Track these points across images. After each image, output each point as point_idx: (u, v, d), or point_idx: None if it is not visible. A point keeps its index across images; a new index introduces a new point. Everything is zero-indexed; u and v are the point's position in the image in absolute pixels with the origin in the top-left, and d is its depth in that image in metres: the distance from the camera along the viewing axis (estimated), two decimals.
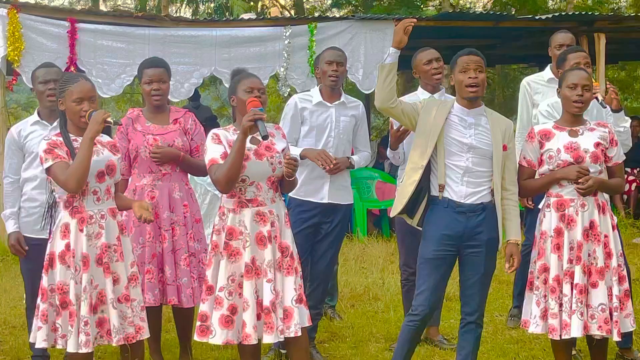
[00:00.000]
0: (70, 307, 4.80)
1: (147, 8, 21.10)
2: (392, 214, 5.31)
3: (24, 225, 5.77)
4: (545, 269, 5.21)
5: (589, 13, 14.18)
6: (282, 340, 4.97)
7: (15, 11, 10.45)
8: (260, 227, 4.97)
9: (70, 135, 4.93)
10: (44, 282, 4.90)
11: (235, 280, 4.94)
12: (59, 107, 4.97)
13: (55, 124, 5.72)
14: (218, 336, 4.93)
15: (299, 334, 4.97)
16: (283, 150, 5.11)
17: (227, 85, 11.92)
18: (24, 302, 7.52)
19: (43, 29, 10.73)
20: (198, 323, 5.02)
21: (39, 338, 4.90)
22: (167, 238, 5.69)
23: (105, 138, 5.11)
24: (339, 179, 6.14)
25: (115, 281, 4.91)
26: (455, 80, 5.12)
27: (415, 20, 5.15)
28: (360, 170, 9.91)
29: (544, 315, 5.19)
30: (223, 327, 4.91)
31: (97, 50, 11.02)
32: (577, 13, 13.89)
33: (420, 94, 6.30)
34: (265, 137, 4.83)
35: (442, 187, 5.10)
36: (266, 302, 4.89)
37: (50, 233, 5.48)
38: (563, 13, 15.11)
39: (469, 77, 5.06)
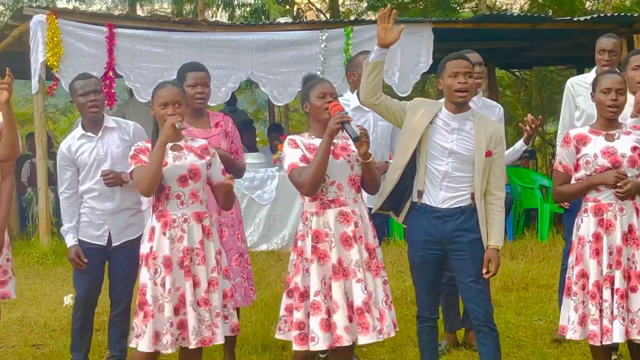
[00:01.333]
0: (145, 307, 4.85)
1: (184, 13, 21.22)
2: (373, 210, 5.32)
3: (83, 230, 5.84)
4: (584, 275, 5.15)
5: (628, 14, 14.06)
6: (380, 340, 4.96)
7: (54, 17, 10.58)
8: (344, 227, 4.95)
9: None
10: (141, 277, 4.98)
11: (326, 282, 4.90)
12: (150, 113, 5.03)
13: (100, 133, 5.78)
14: (321, 342, 4.85)
15: (392, 335, 4.99)
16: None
17: (263, 90, 12.04)
18: (64, 305, 7.62)
19: (82, 34, 10.85)
20: (296, 332, 4.92)
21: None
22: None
23: (198, 142, 5.11)
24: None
25: (196, 284, 4.92)
26: (443, 85, 5.10)
27: (392, 10, 5.13)
28: None
29: (582, 321, 5.14)
30: (325, 331, 4.85)
31: (135, 55, 11.11)
32: (615, 14, 13.78)
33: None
34: (356, 139, 4.82)
35: (420, 193, 5.13)
36: (358, 303, 4.86)
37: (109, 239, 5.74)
38: (602, 14, 14.98)
39: (459, 82, 5.02)
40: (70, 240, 5.82)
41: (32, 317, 7.80)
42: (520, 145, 6.06)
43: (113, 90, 11.09)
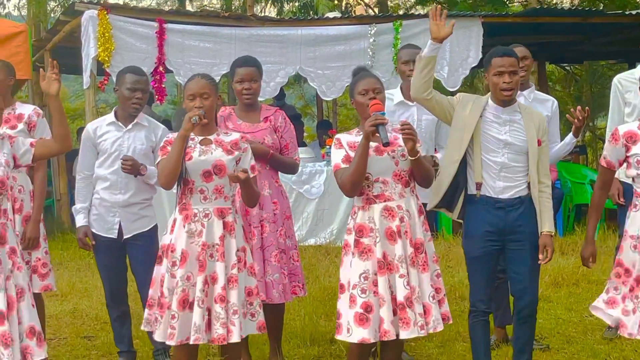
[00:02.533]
0: (162, 299, 4.90)
1: (233, 8, 21.30)
2: (428, 207, 5.34)
3: (94, 222, 5.88)
4: (621, 264, 5.12)
5: None
6: (422, 335, 4.97)
7: (105, 12, 10.67)
8: (389, 222, 4.96)
9: (192, 134, 5.00)
10: (155, 272, 5.03)
11: (368, 278, 4.91)
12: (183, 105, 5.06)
13: (130, 126, 5.83)
14: (355, 335, 4.89)
15: (438, 329, 4.99)
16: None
17: (311, 84, 12.06)
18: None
19: (132, 29, 10.93)
20: (339, 321, 5.03)
21: (150, 327, 5.05)
22: (256, 235, 5.71)
23: (230, 137, 5.11)
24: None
25: (214, 281, 4.91)
26: (489, 81, 5.14)
27: (442, 10, 5.13)
28: None
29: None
30: (358, 325, 4.89)
31: (184, 50, 11.18)
32: None
33: None
34: (386, 144, 4.82)
35: (479, 185, 5.15)
36: (400, 298, 4.87)
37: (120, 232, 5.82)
38: None
39: (504, 82, 5.06)
40: (80, 220, 5.86)
41: (84, 309, 7.89)
42: (570, 138, 6.02)
43: (163, 85, 11.17)
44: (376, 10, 23.01)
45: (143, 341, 6.43)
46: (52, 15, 22.31)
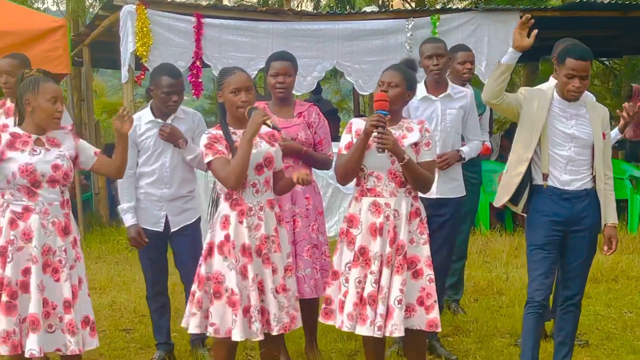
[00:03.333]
0: (233, 296, 4.84)
1: (270, 2, 21.31)
2: (496, 204, 5.36)
3: (142, 217, 5.92)
4: None
5: None
6: (378, 335, 4.91)
7: (143, 7, 10.70)
8: (374, 218, 4.97)
9: (230, 128, 5.01)
10: (202, 270, 4.98)
11: (350, 268, 4.98)
12: (217, 100, 5.06)
13: (169, 121, 5.85)
14: (337, 320, 5.03)
15: (395, 334, 4.92)
16: (416, 144, 5.03)
17: (348, 79, 12.03)
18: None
19: (170, 24, 10.97)
20: (323, 306, 5.13)
21: (192, 324, 5.00)
22: (289, 229, 5.71)
23: (262, 129, 5.07)
24: (449, 173, 6.07)
25: (274, 271, 4.95)
26: (559, 78, 5.17)
27: (530, 18, 5.13)
28: (484, 163, 9.79)
29: None
30: (339, 312, 5.00)
31: (222, 44, 11.20)
32: None
33: (552, 84, 6.19)
34: (398, 159, 4.88)
35: (545, 176, 5.20)
36: (365, 294, 4.90)
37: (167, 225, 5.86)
38: None
39: (573, 86, 5.09)
40: (129, 220, 5.90)
41: (122, 302, 7.94)
42: (614, 133, 5.99)
43: (200, 80, 11.20)
44: (413, 4, 22.91)
45: (181, 334, 6.46)
46: (90, 10, 22.44)
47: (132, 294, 8.28)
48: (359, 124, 5.09)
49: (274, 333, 4.95)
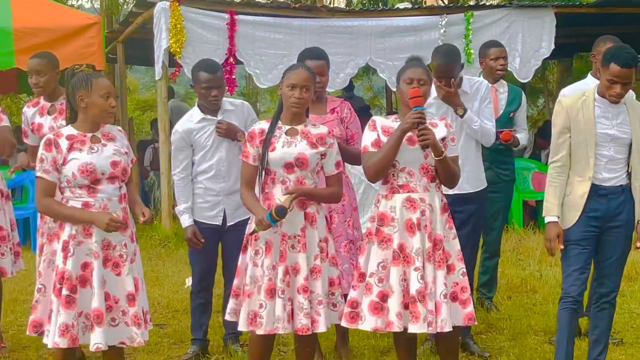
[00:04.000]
0: (245, 287, 4.92)
1: None
2: (564, 226, 5.25)
3: (198, 210, 5.98)
4: None
5: None
6: (430, 332, 4.90)
7: (177, 4, 10.75)
8: (410, 214, 4.93)
9: (280, 123, 5.03)
10: (240, 262, 5.07)
11: (386, 267, 4.92)
12: (278, 91, 5.07)
13: (219, 116, 5.88)
14: (367, 322, 4.91)
15: (445, 329, 4.87)
16: (443, 139, 5.01)
17: (381, 76, 12.01)
18: (185, 286, 7.78)
19: (203, 21, 11.00)
20: (348, 309, 5.01)
21: (236, 317, 5.10)
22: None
23: (317, 129, 5.10)
24: (465, 167, 5.99)
25: (296, 272, 4.92)
26: (601, 80, 5.15)
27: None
28: (517, 161, 9.75)
29: None
30: (372, 313, 4.90)
31: (255, 41, 11.22)
32: None
33: (590, 82, 6.16)
34: (436, 154, 4.86)
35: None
36: (412, 291, 4.84)
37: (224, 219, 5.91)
38: None
39: (615, 92, 5.09)
40: (186, 221, 5.96)
41: (156, 297, 7.97)
42: None
43: (233, 77, 11.22)
44: (447, 0, 22.84)
45: (214, 330, 6.49)
46: (124, 7, 22.56)
47: (165, 289, 8.32)
48: (382, 121, 5.07)
49: (279, 332, 4.93)
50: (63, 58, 10.02)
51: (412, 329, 4.86)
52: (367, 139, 5.03)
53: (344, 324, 5.05)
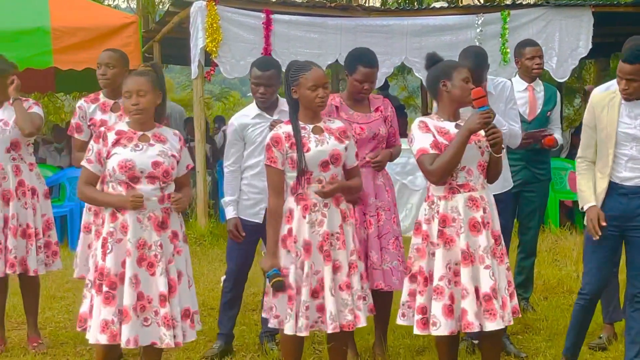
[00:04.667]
0: (289, 290, 4.90)
1: None
2: (584, 207, 5.32)
3: (242, 207, 6.01)
4: None
5: None
6: (505, 325, 4.93)
7: (213, 3, 10.80)
8: (473, 213, 4.91)
9: (301, 123, 5.01)
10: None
11: (451, 268, 4.88)
12: (291, 95, 5.03)
13: (275, 115, 5.91)
14: (443, 327, 4.84)
15: (511, 322, 4.94)
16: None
17: (417, 75, 11.99)
18: (221, 284, 7.80)
19: (240, 20, 11.04)
20: (419, 316, 4.94)
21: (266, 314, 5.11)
22: (373, 224, 5.72)
23: (335, 124, 5.12)
24: None
25: (337, 269, 4.94)
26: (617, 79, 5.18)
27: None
28: (554, 161, 9.69)
29: None
30: (447, 317, 4.85)
31: (290, 40, 11.24)
32: None
33: None
34: (497, 151, 4.86)
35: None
36: (486, 289, 4.82)
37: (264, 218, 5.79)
38: None
39: (621, 87, 5.14)
40: (230, 213, 6.01)
41: None
42: None
43: None
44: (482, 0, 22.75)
45: (249, 328, 6.51)
46: (159, 7, 22.70)
47: (200, 287, 8.33)
48: (432, 122, 5.00)
49: (329, 331, 4.94)
50: None
51: (490, 326, 4.84)
52: (424, 141, 4.93)
53: (416, 331, 5.00)
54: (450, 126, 4.95)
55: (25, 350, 6.33)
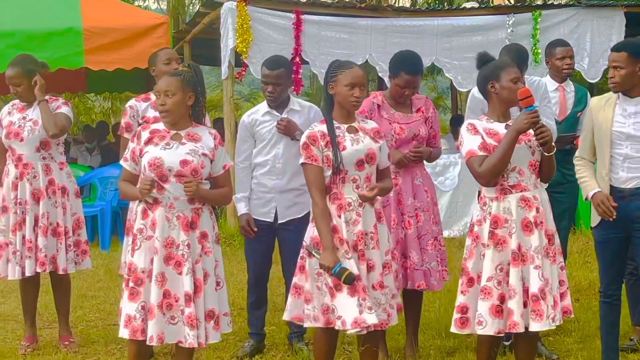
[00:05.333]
0: (359, 283, 4.83)
1: None
2: (593, 224, 5.39)
3: (253, 206, 6.05)
4: None
5: None
6: (553, 327, 4.93)
7: (244, 4, 10.81)
8: (526, 213, 4.88)
9: (335, 122, 4.99)
10: (307, 265, 5.00)
11: (503, 269, 4.86)
12: (328, 92, 5.02)
13: (284, 113, 5.93)
14: (489, 326, 4.83)
15: (560, 322, 4.95)
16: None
17: (447, 75, 11.95)
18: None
19: (270, 21, 11.05)
20: (457, 315, 4.95)
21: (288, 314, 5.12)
22: (412, 224, 5.73)
23: (369, 124, 5.11)
24: None
25: (370, 268, 4.92)
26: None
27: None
28: None
29: None
30: (494, 316, 4.84)
31: (320, 41, 11.24)
32: None
33: None
34: (548, 150, 4.85)
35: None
36: (534, 289, 4.80)
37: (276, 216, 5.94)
38: None
39: (609, 76, 5.23)
40: (242, 209, 6.05)
41: None
42: None
43: (299, 76, 11.25)
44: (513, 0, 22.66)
45: (279, 328, 6.51)
46: (189, 8, 22.78)
47: (230, 287, 8.28)
48: (480, 123, 4.97)
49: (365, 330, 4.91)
50: (131, 58, 10.26)
51: (535, 327, 4.84)
52: (472, 143, 4.90)
53: (454, 329, 5.01)
54: (499, 127, 4.92)
55: (56, 349, 6.37)
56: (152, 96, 6.19)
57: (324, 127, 4.99)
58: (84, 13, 10.40)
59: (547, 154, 4.88)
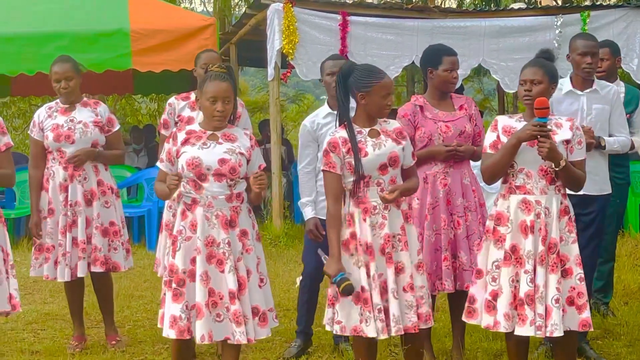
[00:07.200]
0: (363, 294, 4.82)
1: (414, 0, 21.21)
2: None
3: (320, 208, 5.99)
4: None
5: None
6: (538, 336, 4.87)
7: (290, 5, 10.83)
8: (524, 216, 4.89)
9: (356, 127, 4.94)
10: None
11: (499, 267, 4.91)
12: (359, 100, 4.95)
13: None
14: (483, 320, 4.98)
15: (554, 334, 4.81)
16: (568, 142, 4.93)
17: (494, 77, 11.88)
18: (295, 286, 7.83)
19: (316, 22, 11.06)
20: (467, 305, 5.10)
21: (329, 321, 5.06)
22: (462, 224, 5.71)
23: (392, 125, 5.06)
24: (593, 169, 5.83)
25: (400, 270, 4.89)
26: None
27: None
28: (633, 164, 9.50)
29: None
30: (486, 311, 4.94)
31: (367, 42, 11.22)
32: None
33: None
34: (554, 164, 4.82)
35: None
36: (520, 293, 4.83)
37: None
38: None
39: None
40: (308, 213, 6.03)
41: None
42: None
43: None
44: (561, 0, 22.46)
45: (325, 329, 6.50)
46: (235, 10, 22.86)
47: (276, 288, 8.36)
48: (504, 121, 5.02)
49: (392, 334, 4.88)
50: (178, 59, 10.31)
51: (519, 331, 4.86)
52: (487, 139, 5.03)
53: (463, 318, 5.14)
54: (519, 125, 4.94)
55: (104, 348, 6.42)
56: (192, 95, 6.24)
57: (345, 133, 4.93)
58: (132, 15, 10.49)
59: (554, 169, 4.85)
